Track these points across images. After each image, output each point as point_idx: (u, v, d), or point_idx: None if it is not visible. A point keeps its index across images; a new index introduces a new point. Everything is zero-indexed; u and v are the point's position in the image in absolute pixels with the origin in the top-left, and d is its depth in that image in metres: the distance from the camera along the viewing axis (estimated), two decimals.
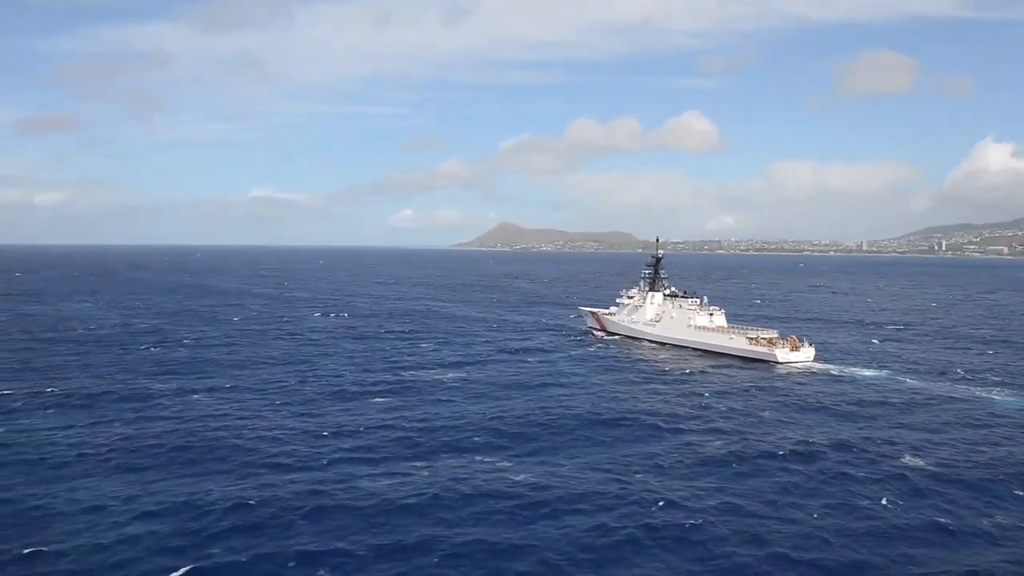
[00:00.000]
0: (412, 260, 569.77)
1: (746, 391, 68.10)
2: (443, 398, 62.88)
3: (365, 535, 33.18)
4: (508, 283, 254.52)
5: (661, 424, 54.49)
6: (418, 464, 43.92)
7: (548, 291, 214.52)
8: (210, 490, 39.04)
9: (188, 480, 41.19)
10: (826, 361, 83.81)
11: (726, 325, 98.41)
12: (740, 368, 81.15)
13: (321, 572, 29.58)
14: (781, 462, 45.32)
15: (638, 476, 42.08)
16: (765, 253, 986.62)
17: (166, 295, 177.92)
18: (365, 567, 30.18)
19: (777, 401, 63.46)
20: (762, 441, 49.94)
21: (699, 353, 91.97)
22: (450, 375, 72.70)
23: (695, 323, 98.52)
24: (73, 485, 40.88)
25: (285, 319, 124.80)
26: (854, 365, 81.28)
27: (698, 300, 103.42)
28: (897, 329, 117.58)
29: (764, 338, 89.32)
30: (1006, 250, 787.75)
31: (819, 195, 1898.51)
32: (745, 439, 50.65)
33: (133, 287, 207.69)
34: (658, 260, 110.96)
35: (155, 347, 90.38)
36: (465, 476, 41.47)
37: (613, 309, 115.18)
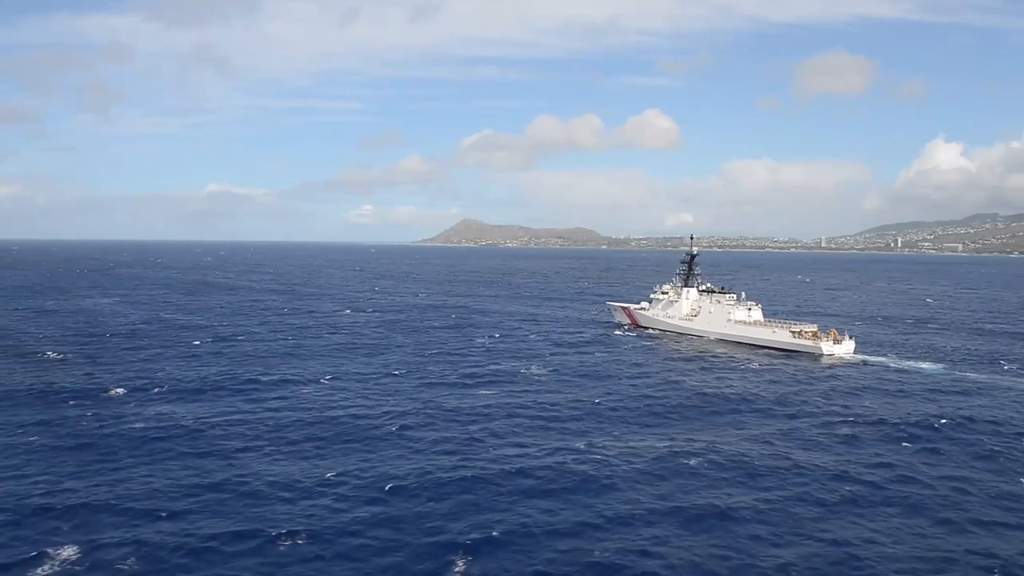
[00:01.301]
0: (391, 255, 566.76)
1: (818, 380, 71.84)
2: (545, 388, 65.51)
3: (612, 504, 36.30)
4: (504, 279, 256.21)
5: (774, 408, 58.25)
6: (582, 446, 46.58)
7: (551, 286, 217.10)
8: (411, 470, 41.27)
9: (376, 466, 43.13)
10: (867, 354, 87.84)
11: (763, 319, 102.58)
12: (791, 360, 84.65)
13: (620, 541, 32.19)
14: (912, 443, 49.06)
15: (797, 454, 45.36)
16: (727, 250, 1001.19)
17: (172, 290, 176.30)
18: (646, 528, 33.23)
19: (858, 389, 67.31)
20: (878, 424, 53.63)
21: (742, 346, 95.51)
22: (533, 368, 75.02)
23: (735, 317, 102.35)
24: (258, 472, 42.43)
25: (318, 314, 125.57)
26: (907, 358, 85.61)
27: (734, 296, 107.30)
28: (915, 324, 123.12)
29: (808, 331, 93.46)
30: (960, 247, 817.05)
31: (774, 193, 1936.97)
32: (856, 423, 54.15)
33: (132, 282, 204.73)
34: (692, 257, 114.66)
35: (216, 341, 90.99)
36: (644, 453, 44.63)
37: (644, 304, 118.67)
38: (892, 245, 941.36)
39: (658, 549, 31.50)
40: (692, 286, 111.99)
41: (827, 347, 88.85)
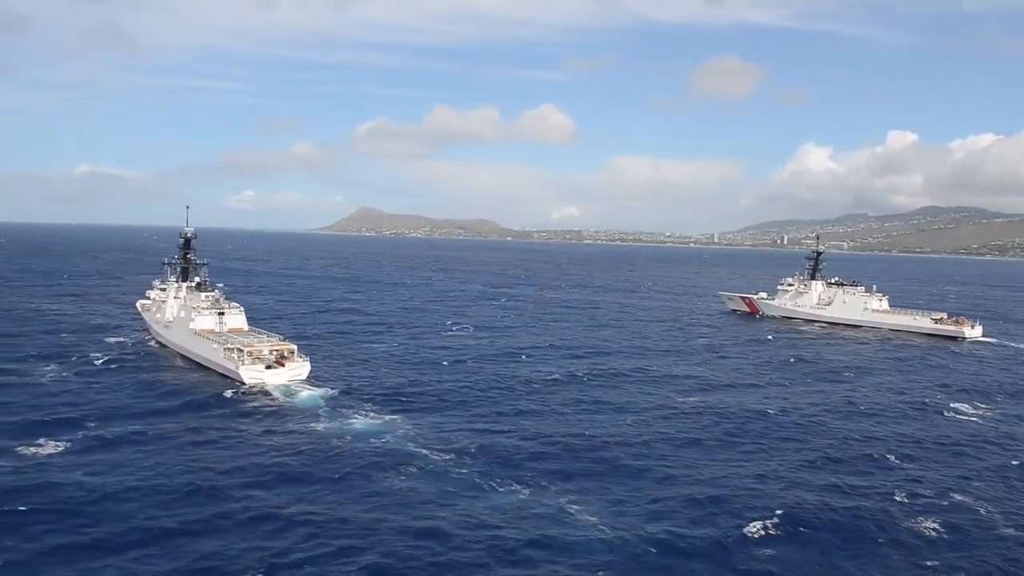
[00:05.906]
0: (315, 243, 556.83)
1: (993, 362, 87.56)
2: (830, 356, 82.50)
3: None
4: (525, 273, 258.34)
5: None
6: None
7: (599, 278, 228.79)
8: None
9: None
10: (990, 336, 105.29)
11: (890, 307, 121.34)
12: (937, 343, 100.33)
13: None
14: None
15: None
16: (627, 243, 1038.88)
17: (235, 278, 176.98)
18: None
19: None
20: None
21: (878, 332, 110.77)
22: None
23: (871, 306, 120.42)
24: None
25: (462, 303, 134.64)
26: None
27: (863, 287, 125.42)
28: (1000, 316, 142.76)
29: (946, 318, 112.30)
30: (846, 245, 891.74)
31: (658, 189, 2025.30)
32: None
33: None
34: (818, 255, 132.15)
35: (474, 328, 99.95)
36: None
37: (763, 294, 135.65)
38: (779, 242, 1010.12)
39: None
40: (817, 279, 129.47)
41: (969, 331, 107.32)
